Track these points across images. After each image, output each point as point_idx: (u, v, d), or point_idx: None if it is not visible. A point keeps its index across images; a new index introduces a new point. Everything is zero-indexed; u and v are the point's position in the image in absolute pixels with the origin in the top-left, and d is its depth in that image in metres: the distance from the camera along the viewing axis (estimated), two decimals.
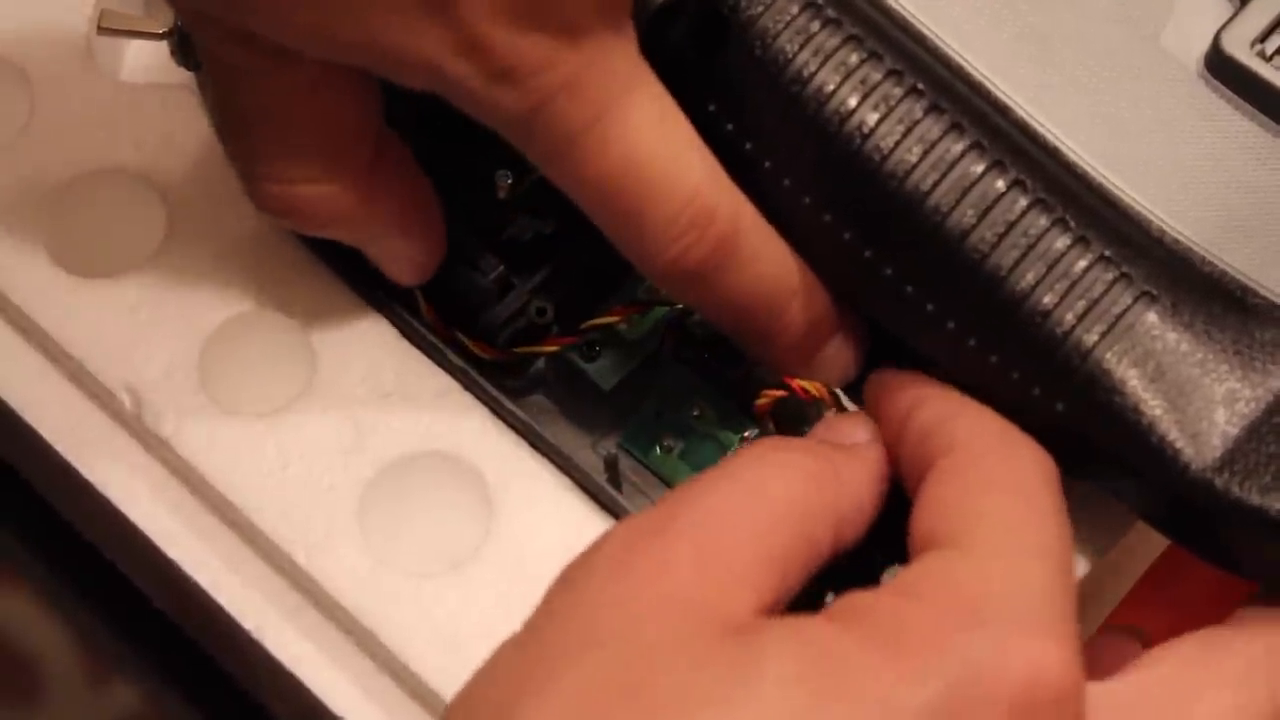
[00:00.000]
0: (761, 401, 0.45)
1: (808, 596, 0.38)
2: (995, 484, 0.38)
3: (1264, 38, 0.42)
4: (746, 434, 0.46)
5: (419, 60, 0.40)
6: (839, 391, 0.45)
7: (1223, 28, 0.43)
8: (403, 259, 0.46)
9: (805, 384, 0.44)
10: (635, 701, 0.34)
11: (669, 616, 0.36)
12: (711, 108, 0.42)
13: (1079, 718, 0.36)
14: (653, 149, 0.41)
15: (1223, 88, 0.43)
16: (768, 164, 0.42)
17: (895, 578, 0.37)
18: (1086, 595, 0.43)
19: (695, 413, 0.47)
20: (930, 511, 0.38)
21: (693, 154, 0.41)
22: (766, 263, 0.42)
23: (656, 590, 0.36)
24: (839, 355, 0.44)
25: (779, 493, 0.38)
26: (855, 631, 0.35)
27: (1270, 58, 0.42)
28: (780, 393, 0.45)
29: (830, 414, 0.45)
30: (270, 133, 0.42)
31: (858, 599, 0.36)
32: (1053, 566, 0.37)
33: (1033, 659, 0.35)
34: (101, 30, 0.48)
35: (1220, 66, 0.42)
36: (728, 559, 0.37)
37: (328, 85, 0.42)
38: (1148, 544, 0.47)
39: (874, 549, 0.40)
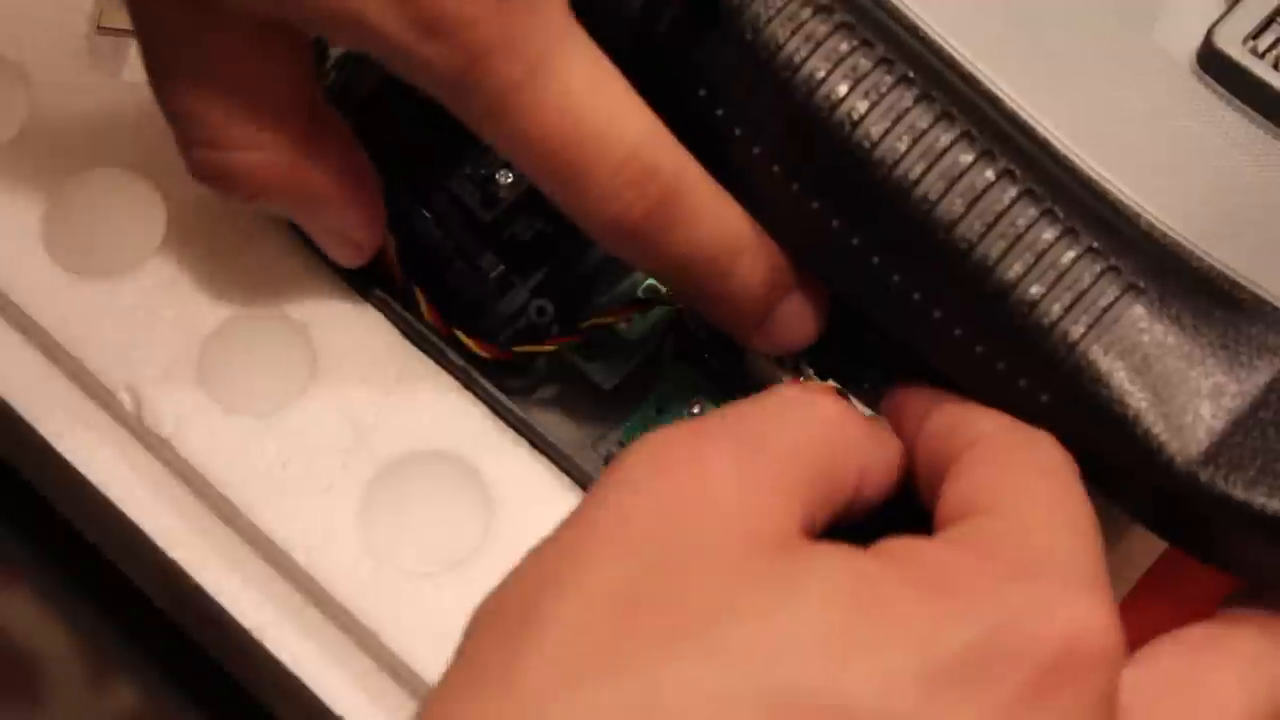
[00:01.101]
0: None
1: None
2: (1027, 466, 0.38)
3: (1257, 34, 0.42)
4: None
5: (348, 14, 0.39)
6: (844, 392, 0.45)
7: (1215, 23, 0.43)
8: (337, 235, 0.45)
9: (809, 383, 0.44)
10: (667, 607, 0.34)
11: (708, 521, 0.35)
12: (701, 93, 0.42)
13: (1115, 685, 0.35)
14: (589, 103, 0.40)
15: (1215, 83, 0.43)
16: (756, 150, 0.42)
17: (938, 534, 0.37)
18: None
19: (695, 412, 0.47)
20: (963, 487, 0.38)
21: (630, 108, 0.41)
22: (712, 219, 0.42)
23: (696, 494, 0.35)
24: (795, 316, 0.43)
25: (812, 424, 0.38)
26: (901, 570, 0.35)
27: (1263, 54, 0.42)
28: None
29: None
30: (202, 96, 0.42)
31: (903, 543, 0.36)
32: (1090, 543, 0.37)
33: (1077, 616, 0.35)
34: (101, 30, 0.48)
35: (1212, 62, 0.42)
36: (769, 472, 0.36)
37: (259, 46, 0.41)
38: (1146, 546, 0.46)
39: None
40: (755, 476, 0.36)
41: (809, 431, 0.38)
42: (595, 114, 0.40)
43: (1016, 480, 0.38)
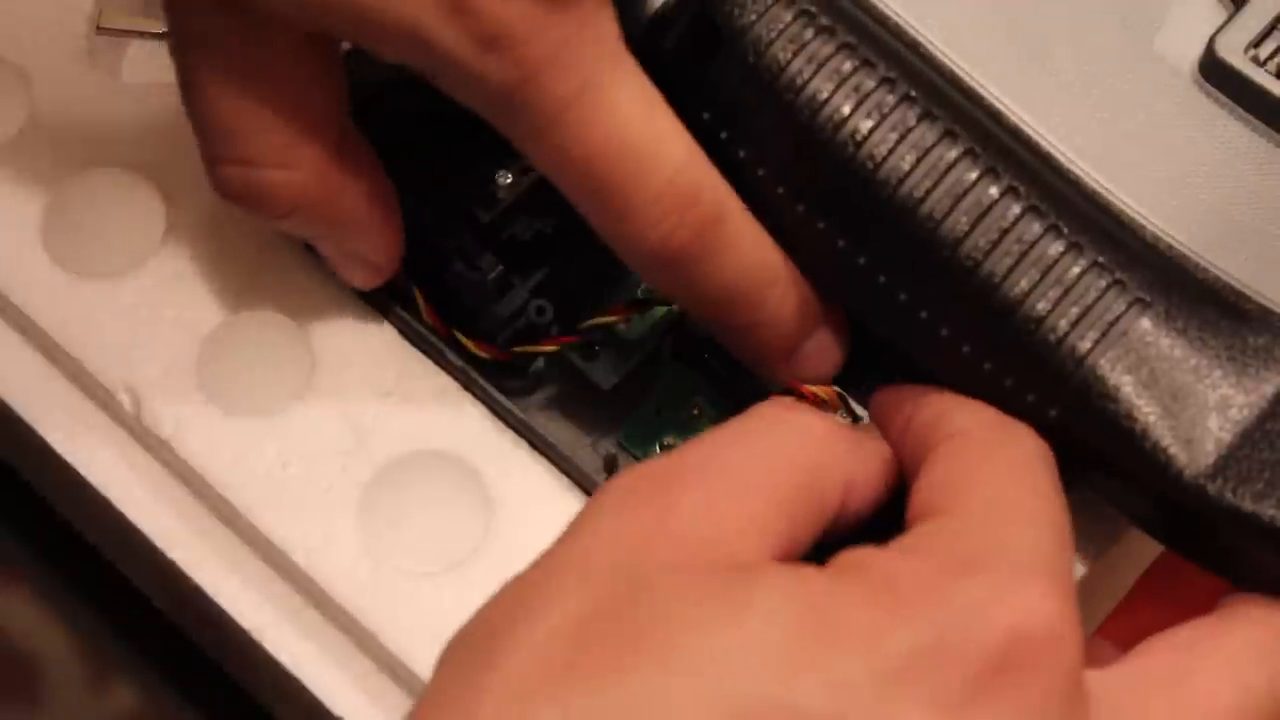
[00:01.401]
0: None
1: None
2: (992, 459, 0.38)
3: (1258, 43, 0.42)
4: None
5: (402, 24, 0.39)
6: (846, 395, 0.45)
7: (1217, 32, 0.43)
8: (358, 259, 0.45)
9: (814, 388, 0.44)
10: (620, 626, 0.34)
11: (667, 550, 0.36)
12: (705, 115, 0.42)
13: (1076, 668, 0.35)
14: (637, 125, 0.40)
15: (1217, 93, 0.43)
16: (761, 171, 0.42)
17: (893, 540, 0.37)
18: (1083, 597, 0.43)
19: (695, 412, 0.47)
20: (928, 487, 0.38)
21: (675, 133, 0.41)
22: (749, 249, 0.42)
23: (659, 527, 0.36)
24: (821, 349, 0.43)
25: (791, 445, 0.38)
26: (849, 580, 0.35)
27: (1264, 63, 0.42)
28: (788, 398, 0.45)
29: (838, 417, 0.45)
30: (236, 109, 0.42)
31: (854, 554, 0.36)
32: (1049, 534, 0.37)
33: (1024, 604, 0.35)
34: (101, 30, 0.48)
35: (1214, 71, 0.42)
36: (737, 504, 0.37)
37: (298, 62, 0.41)
38: (1144, 547, 0.46)
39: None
40: (723, 509, 0.36)
41: (786, 453, 0.38)
42: (642, 136, 0.40)
43: (979, 476, 0.38)
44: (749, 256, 0.42)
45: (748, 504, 0.37)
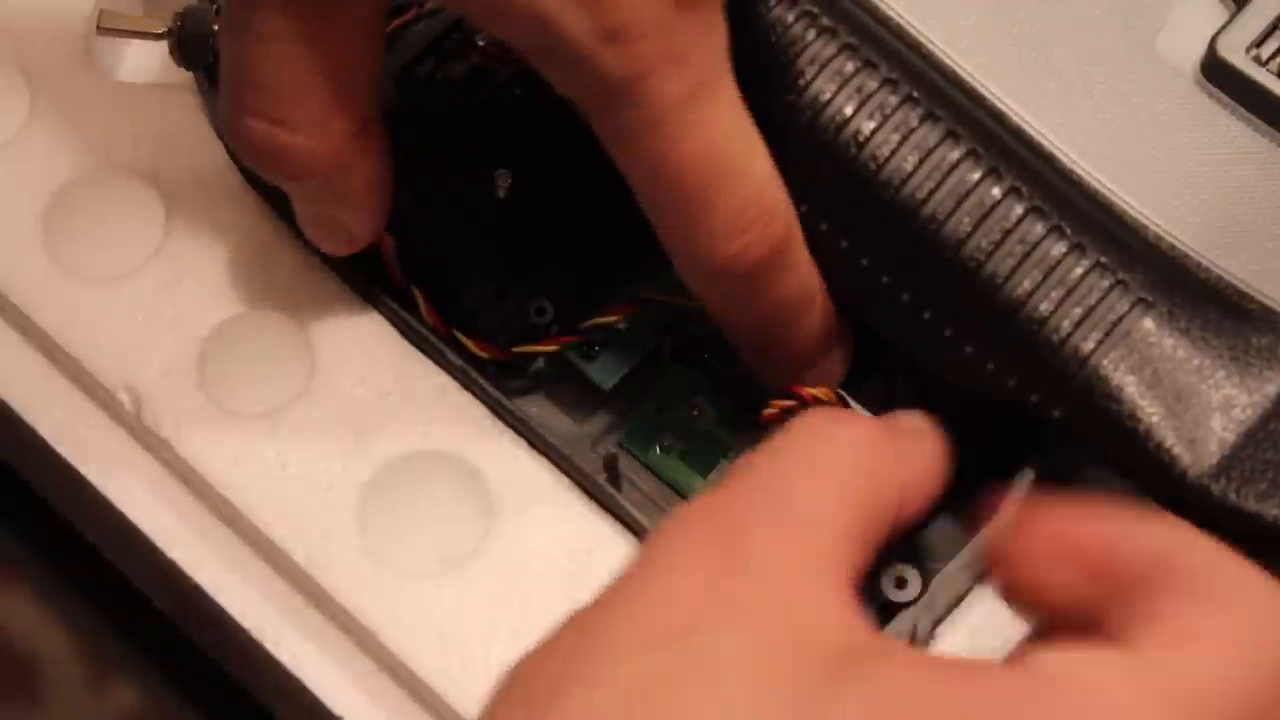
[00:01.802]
0: (770, 410, 0.45)
1: None
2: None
3: (1260, 42, 0.43)
4: (747, 434, 0.46)
5: (528, 7, 0.39)
6: (845, 395, 0.45)
7: (1218, 32, 0.43)
8: (341, 228, 0.45)
9: (814, 391, 0.44)
10: (682, 707, 0.31)
11: (739, 626, 0.32)
12: None
13: None
14: (734, 136, 0.40)
15: (1219, 93, 0.43)
16: None
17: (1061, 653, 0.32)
18: None
19: (695, 412, 0.47)
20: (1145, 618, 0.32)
21: (760, 147, 0.41)
22: (806, 268, 0.42)
23: (728, 588, 0.33)
24: (835, 362, 0.44)
25: (842, 460, 0.35)
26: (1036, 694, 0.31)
27: (1266, 62, 0.42)
28: (789, 402, 0.45)
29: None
30: (283, 69, 0.41)
31: (1046, 659, 0.31)
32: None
33: None
34: (101, 30, 0.48)
35: (1216, 71, 0.43)
36: (812, 545, 0.33)
37: (356, 37, 0.41)
38: None
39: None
40: (797, 554, 0.33)
41: (843, 471, 0.35)
42: (735, 146, 0.40)
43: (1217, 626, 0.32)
44: (805, 275, 0.42)
45: (821, 545, 0.34)
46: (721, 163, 0.40)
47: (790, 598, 0.32)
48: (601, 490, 0.45)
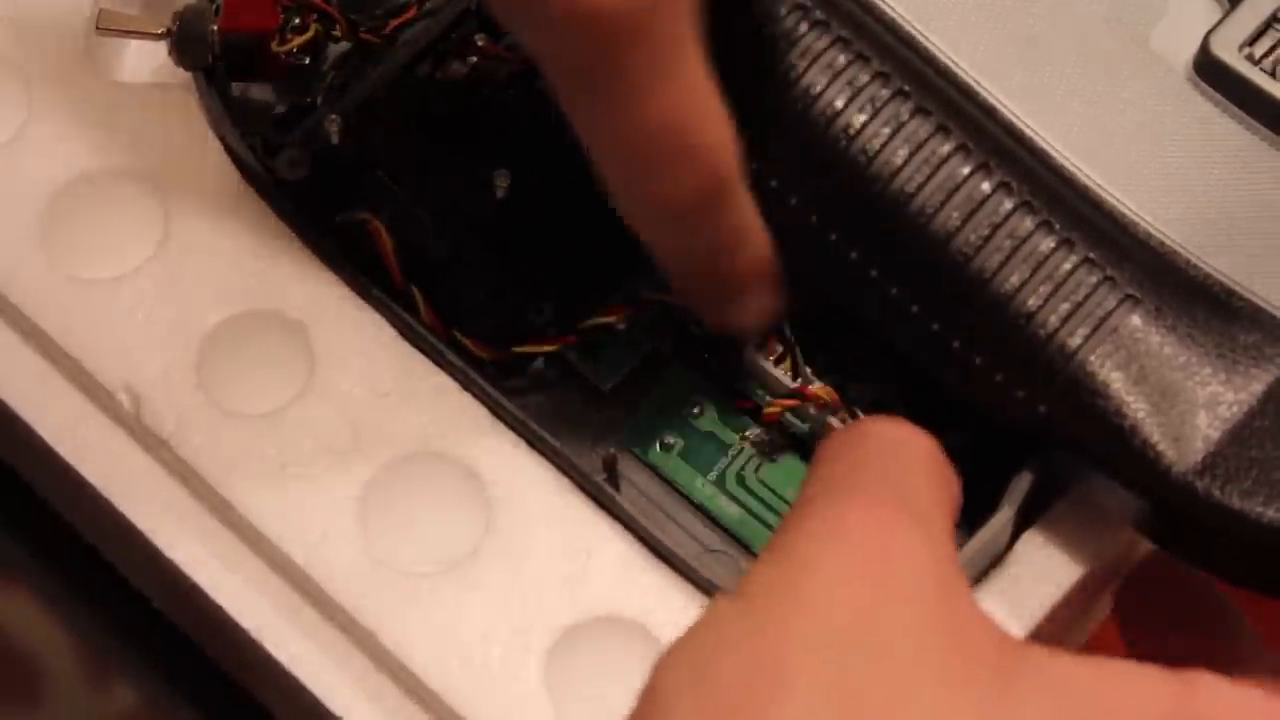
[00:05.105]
0: (771, 410, 0.45)
1: None
2: None
3: (1253, 41, 0.43)
4: (747, 433, 0.46)
5: None
6: (844, 397, 0.45)
7: (1212, 30, 0.43)
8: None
9: (815, 389, 0.44)
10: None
11: (906, 609, 0.33)
12: None
13: None
14: (710, 92, 0.39)
15: (1211, 91, 0.43)
16: (754, 165, 0.42)
17: None
18: (1080, 601, 0.43)
19: (695, 412, 0.47)
20: None
21: (722, 106, 0.40)
22: (750, 209, 0.41)
23: (887, 576, 0.33)
24: (765, 298, 0.43)
25: (919, 459, 0.36)
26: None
27: (1259, 61, 0.42)
28: (792, 401, 0.45)
29: (835, 420, 0.45)
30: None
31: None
32: None
33: None
34: (101, 30, 0.48)
35: (1209, 69, 0.43)
36: (939, 533, 0.34)
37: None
38: (1140, 548, 0.46)
39: None
40: (937, 543, 0.34)
41: (927, 469, 0.36)
42: (713, 101, 0.39)
43: None
44: (749, 214, 0.41)
45: (944, 534, 0.34)
46: (691, 120, 0.39)
47: (941, 599, 0.33)
48: (600, 490, 0.45)
